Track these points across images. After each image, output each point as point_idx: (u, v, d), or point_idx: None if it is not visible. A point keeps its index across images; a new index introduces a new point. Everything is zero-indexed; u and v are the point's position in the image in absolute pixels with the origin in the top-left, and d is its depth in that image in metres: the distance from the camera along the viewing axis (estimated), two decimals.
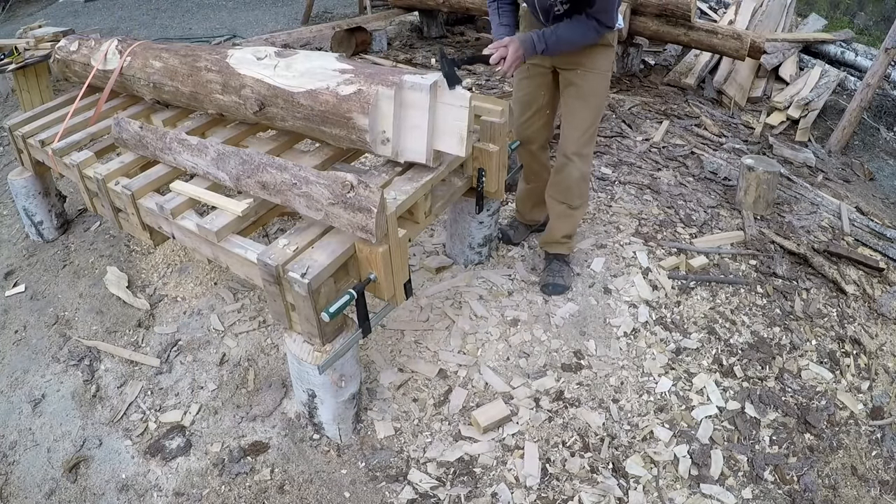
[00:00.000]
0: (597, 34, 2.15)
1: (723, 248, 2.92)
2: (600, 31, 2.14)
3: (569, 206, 2.53)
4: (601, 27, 2.12)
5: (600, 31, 2.14)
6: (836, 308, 2.70)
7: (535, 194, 2.77)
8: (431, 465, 2.01)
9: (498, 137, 2.23)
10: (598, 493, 1.93)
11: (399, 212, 1.88)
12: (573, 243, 2.68)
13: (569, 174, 2.44)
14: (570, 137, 2.40)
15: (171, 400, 2.27)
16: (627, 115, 4.24)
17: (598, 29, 2.13)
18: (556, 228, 2.61)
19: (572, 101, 2.35)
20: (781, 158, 4.09)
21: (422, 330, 2.44)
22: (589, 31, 2.13)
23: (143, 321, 2.57)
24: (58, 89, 4.31)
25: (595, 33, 2.14)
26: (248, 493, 1.96)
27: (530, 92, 2.48)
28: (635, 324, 2.50)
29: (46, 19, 6.11)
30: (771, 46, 5.16)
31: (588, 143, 2.41)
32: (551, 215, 2.63)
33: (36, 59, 3.76)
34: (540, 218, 2.90)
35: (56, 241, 3.05)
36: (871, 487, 2.10)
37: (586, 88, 2.31)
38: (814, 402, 2.31)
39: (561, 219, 2.58)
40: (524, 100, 2.51)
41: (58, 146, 2.45)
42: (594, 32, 2.13)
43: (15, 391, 2.38)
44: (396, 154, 1.99)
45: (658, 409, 2.21)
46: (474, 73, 4.82)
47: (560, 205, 2.55)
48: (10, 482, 2.11)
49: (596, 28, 2.12)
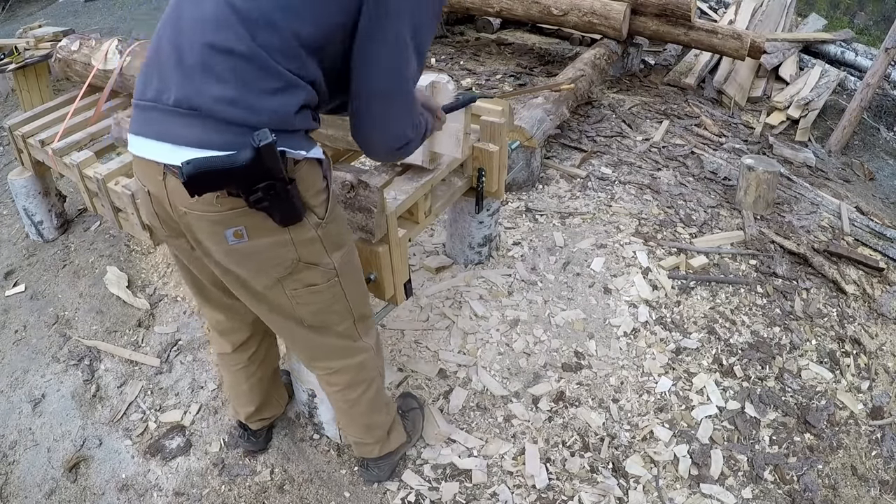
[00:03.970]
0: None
1: (723, 248, 2.92)
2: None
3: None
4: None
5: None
6: (836, 308, 2.70)
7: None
8: (430, 465, 2.01)
9: (498, 137, 2.22)
10: (598, 493, 1.94)
11: (399, 212, 1.88)
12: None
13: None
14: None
15: (171, 400, 2.27)
16: (627, 114, 4.24)
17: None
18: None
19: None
20: (781, 158, 4.09)
21: (422, 330, 2.44)
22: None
23: (143, 321, 2.57)
24: (58, 89, 4.30)
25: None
26: (248, 493, 1.96)
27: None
28: (635, 324, 2.50)
29: (46, 19, 6.11)
30: (771, 46, 5.16)
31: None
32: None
33: (36, 59, 3.76)
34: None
35: (56, 240, 3.05)
36: (871, 487, 2.10)
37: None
38: (814, 401, 2.31)
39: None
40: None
41: (58, 146, 2.45)
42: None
43: (15, 391, 2.38)
44: None
45: (658, 409, 2.21)
46: (474, 74, 4.82)
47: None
48: (10, 482, 2.11)
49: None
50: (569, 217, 3.08)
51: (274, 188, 1.16)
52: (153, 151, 1.21)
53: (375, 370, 1.69)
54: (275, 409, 2.04)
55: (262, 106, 1.16)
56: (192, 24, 1.18)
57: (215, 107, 1.15)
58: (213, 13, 1.16)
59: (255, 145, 1.10)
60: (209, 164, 1.12)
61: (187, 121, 1.17)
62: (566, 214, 3.10)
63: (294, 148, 1.21)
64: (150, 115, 1.22)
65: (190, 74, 1.16)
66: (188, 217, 1.26)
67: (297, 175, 1.24)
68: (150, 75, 1.24)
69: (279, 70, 1.16)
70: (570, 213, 3.11)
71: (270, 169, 1.14)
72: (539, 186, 3.33)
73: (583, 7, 4.45)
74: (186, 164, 1.10)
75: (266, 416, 2.00)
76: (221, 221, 1.24)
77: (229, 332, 1.74)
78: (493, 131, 2.22)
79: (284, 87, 1.18)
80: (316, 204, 1.31)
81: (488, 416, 2.16)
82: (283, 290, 1.39)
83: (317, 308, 1.46)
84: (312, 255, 1.36)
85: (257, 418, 1.98)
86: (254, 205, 1.18)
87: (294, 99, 1.19)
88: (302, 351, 1.64)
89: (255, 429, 2.01)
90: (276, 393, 2.03)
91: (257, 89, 1.16)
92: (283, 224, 1.26)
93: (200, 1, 1.18)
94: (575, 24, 4.57)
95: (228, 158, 1.13)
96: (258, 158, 1.12)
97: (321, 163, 1.32)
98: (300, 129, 1.25)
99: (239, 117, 1.16)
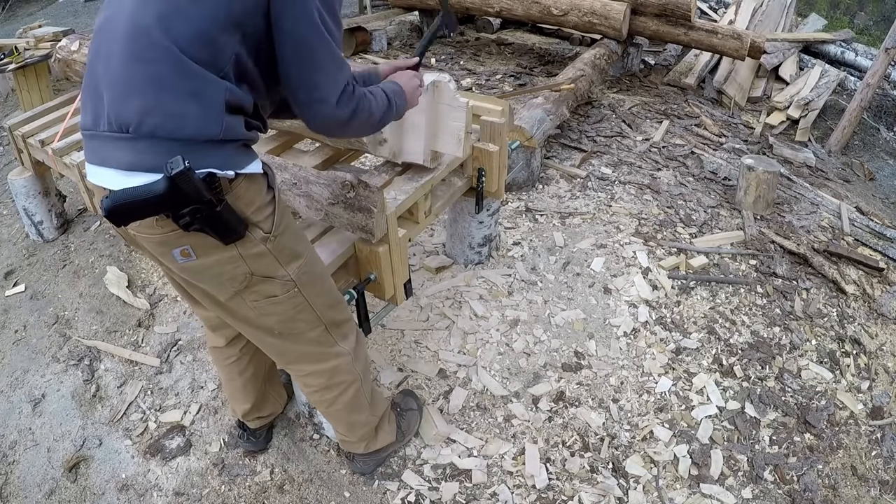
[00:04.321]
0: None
1: (723, 248, 2.92)
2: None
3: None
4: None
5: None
6: (836, 308, 2.70)
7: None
8: (430, 465, 2.01)
9: (498, 137, 2.22)
10: (598, 493, 1.94)
11: (399, 212, 1.88)
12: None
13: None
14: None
15: (171, 400, 2.27)
16: (627, 114, 4.24)
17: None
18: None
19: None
20: (781, 158, 4.09)
21: (422, 330, 2.44)
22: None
23: (143, 321, 2.57)
24: (58, 89, 4.31)
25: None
26: (247, 493, 1.96)
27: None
28: (635, 324, 2.50)
29: (46, 19, 6.11)
30: (771, 46, 5.16)
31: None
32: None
33: (36, 59, 3.76)
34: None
35: (56, 240, 3.05)
36: (870, 487, 2.10)
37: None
38: (814, 402, 2.31)
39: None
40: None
41: (58, 146, 2.45)
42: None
43: (15, 391, 2.38)
44: (394, 155, 1.99)
45: (658, 409, 2.21)
46: (474, 74, 4.83)
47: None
48: (10, 482, 2.11)
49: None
50: (569, 217, 3.09)
51: (200, 212, 1.16)
52: (99, 177, 1.22)
53: (352, 375, 1.68)
54: (272, 407, 2.04)
55: (181, 111, 1.14)
56: (112, 44, 1.18)
57: (139, 119, 1.14)
58: (130, 23, 1.15)
59: (168, 174, 1.10)
60: (127, 196, 1.13)
61: (121, 144, 1.17)
62: (566, 214, 3.10)
63: (222, 167, 1.19)
64: (93, 143, 1.23)
65: (117, 94, 1.16)
66: (138, 238, 1.27)
67: (233, 193, 1.22)
68: (86, 102, 1.24)
69: (191, 66, 1.13)
70: (570, 213, 3.11)
71: (188, 195, 1.12)
72: (539, 186, 3.33)
73: (583, 7, 4.45)
74: (105, 199, 1.12)
75: (264, 414, 2.00)
76: (166, 242, 1.24)
77: (221, 327, 1.75)
78: (493, 131, 2.22)
79: (201, 87, 1.15)
80: (259, 219, 1.29)
81: (488, 416, 2.16)
82: (245, 302, 1.40)
83: (281, 318, 1.46)
84: (265, 269, 1.35)
85: (255, 416, 1.98)
86: (185, 228, 1.17)
87: (215, 98, 1.16)
88: (275, 356, 1.65)
89: (255, 428, 2.01)
90: (273, 391, 2.03)
91: (174, 93, 1.14)
92: (224, 242, 1.25)
93: (118, 18, 1.18)
94: (575, 24, 4.57)
95: (145, 189, 1.12)
96: (173, 187, 1.11)
97: (266, 176, 1.31)
98: (231, 139, 1.21)
99: (160, 128, 1.14)
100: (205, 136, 1.16)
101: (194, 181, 1.12)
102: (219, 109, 1.17)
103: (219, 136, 1.18)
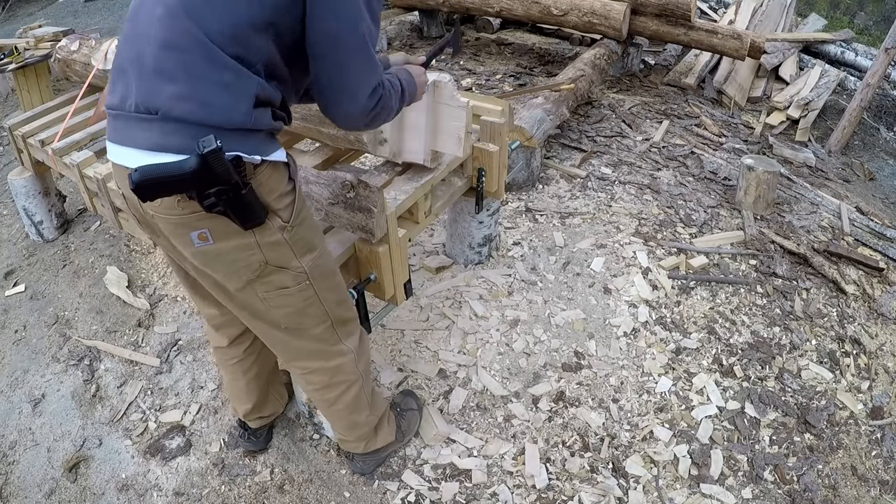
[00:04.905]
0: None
1: (723, 248, 2.92)
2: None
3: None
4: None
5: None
6: (836, 308, 2.70)
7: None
8: (430, 465, 2.01)
9: (498, 137, 2.22)
10: (598, 493, 1.94)
11: (399, 212, 1.88)
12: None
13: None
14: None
15: (171, 400, 2.27)
16: (627, 114, 4.24)
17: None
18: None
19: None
20: (781, 158, 4.09)
21: (422, 330, 2.44)
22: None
23: (143, 321, 2.57)
24: (58, 89, 4.30)
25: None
26: (248, 493, 1.96)
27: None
28: (635, 324, 2.50)
29: (46, 19, 6.11)
30: (771, 46, 5.16)
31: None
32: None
33: (36, 59, 3.76)
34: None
35: (56, 240, 3.05)
36: (870, 487, 2.10)
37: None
38: (814, 402, 2.31)
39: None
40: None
41: (58, 146, 2.45)
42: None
43: (15, 391, 2.38)
44: (394, 154, 1.99)
45: (658, 409, 2.21)
46: (474, 74, 4.82)
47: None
48: (10, 482, 2.11)
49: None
50: (569, 217, 3.09)
51: (226, 193, 1.17)
52: (121, 156, 1.24)
53: (354, 374, 1.68)
54: (274, 407, 2.04)
55: (213, 101, 1.16)
56: (146, 28, 1.20)
57: (170, 105, 1.16)
58: (164, 11, 1.17)
59: (200, 152, 1.11)
60: (156, 171, 1.13)
61: (146, 125, 1.18)
62: (566, 214, 3.10)
63: (250, 152, 1.21)
64: (117, 122, 1.24)
65: (147, 77, 1.18)
66: (156, 219, 1.28)
67: (256, 179, 1.24)
68: (115, 83, 1.26)
69: (224, 59, 1.16)
70: (570, 213, 3.11)
71: (218, 175, 1.14)
72: (539, 186, 3.33)
73: (583, 7, 4.44)
74: (134, 172, 1.13)
75: (265, 414, 2.00)
76: (185, 224, 1.25)
77: (224, 326, 1.75)
78: (493, 131, 2.22)
79: (234, 80, 1.17)
80: (279, 207, 1.30)
81: (488, 416, 2.16)
82: (255, 293, 1.40)
83: (290, 311, 1.46)
84: (280, 259, 1.35)
85: (256, 416, 1.98)
86: (208, 209, 1.19)
87: (245, 92, 1.19)
88: (279, 352, 1.65)
89: (255, 427, 2.01)
90: (275, 391, 2.03)
91: (207, 82, 1.16)
92: (244, 227, 1.26)
93: (154, 3, 1.20)
94: (575, 24, 4.57)
95: (176, 165, 1.13)
96: (204, 165, 1.12)
97: (287, 166, 1.32)
98: (258, 129, 1.24)
99: (192, 114, 1.16)
100: (234, 125, 1.19)
101: (224, 161, 1.14)
102: (249, 103, 1.20)
103: (247, 125, 1.21)
